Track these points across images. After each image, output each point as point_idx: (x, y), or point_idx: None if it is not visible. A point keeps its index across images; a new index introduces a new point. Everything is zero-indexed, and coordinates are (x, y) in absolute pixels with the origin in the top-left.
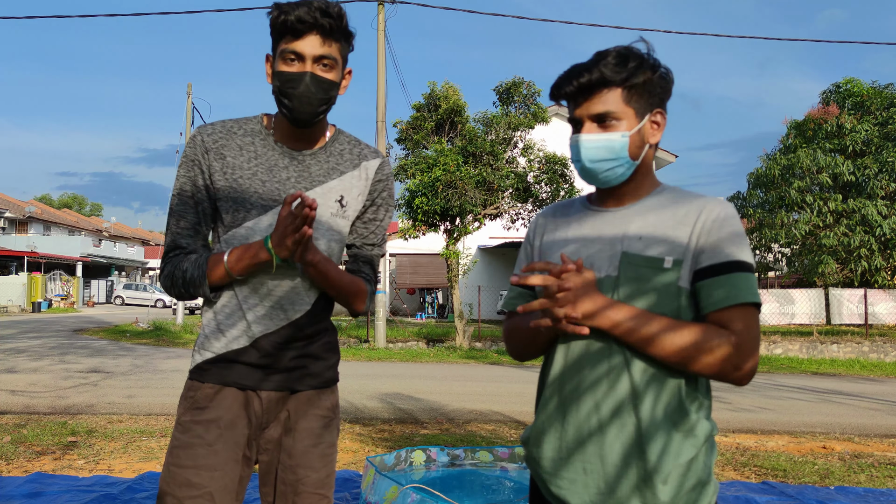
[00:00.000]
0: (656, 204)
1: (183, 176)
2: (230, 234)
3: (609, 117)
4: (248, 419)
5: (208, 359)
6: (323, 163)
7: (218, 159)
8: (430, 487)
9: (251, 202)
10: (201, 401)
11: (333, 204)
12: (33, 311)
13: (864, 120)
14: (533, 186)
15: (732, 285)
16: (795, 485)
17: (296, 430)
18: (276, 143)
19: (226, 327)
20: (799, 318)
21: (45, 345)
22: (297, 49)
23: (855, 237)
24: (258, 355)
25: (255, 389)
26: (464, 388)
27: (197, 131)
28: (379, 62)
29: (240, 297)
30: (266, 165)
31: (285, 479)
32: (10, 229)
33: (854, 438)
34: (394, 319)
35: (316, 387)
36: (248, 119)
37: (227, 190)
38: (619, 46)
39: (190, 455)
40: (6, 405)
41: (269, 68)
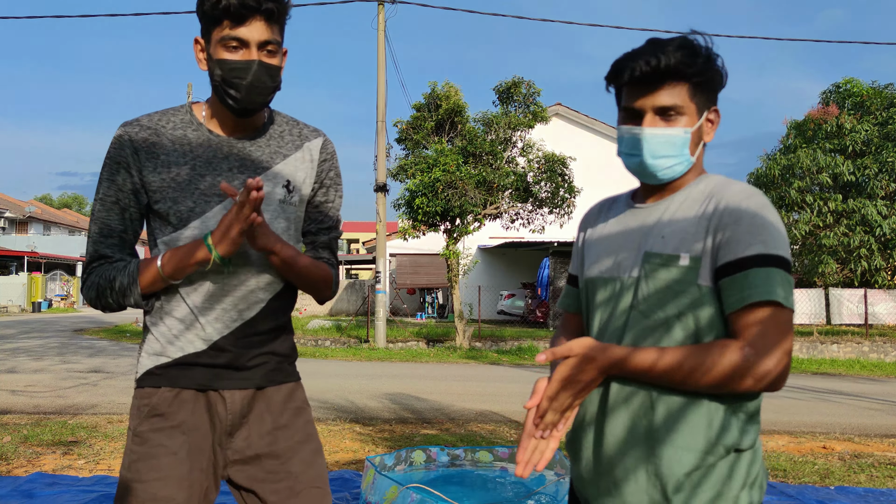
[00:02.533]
0: (685, 197)
1: (106, 180)
2: (172, 238)
3: (674, 111)
4: (212, 423)
5: (161, 363)
6: (264, 147)
7: (150, 159)
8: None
9: (193, 200)
10: (159, 406)
11: (280, 190)
12: (33, 311)
13: (863, 120)
14: (532, 186)
15: (749, 284)
16: (795, 485)
17: (276, 430)
18: (210, 133)
19: (178, 332)
20: (799, 318)
21: (46, 345)
22: (242, 36)
23: (855, 237)
24: (216, 356)
25: (216, 389)
26: (464, 388)
27: (122, 130)
28: (379, 62)
29: (188, 301)
30: (204, 158)
31: (278, 487)
32: (10, 229)
33: (854, 438)
34: (394, 319)
35: (282, 382)
36: (175, 110)
37: (164, 190)
38: (681, 37)
39: (153, 466)
40: (6, 405)
41: (201, 54)
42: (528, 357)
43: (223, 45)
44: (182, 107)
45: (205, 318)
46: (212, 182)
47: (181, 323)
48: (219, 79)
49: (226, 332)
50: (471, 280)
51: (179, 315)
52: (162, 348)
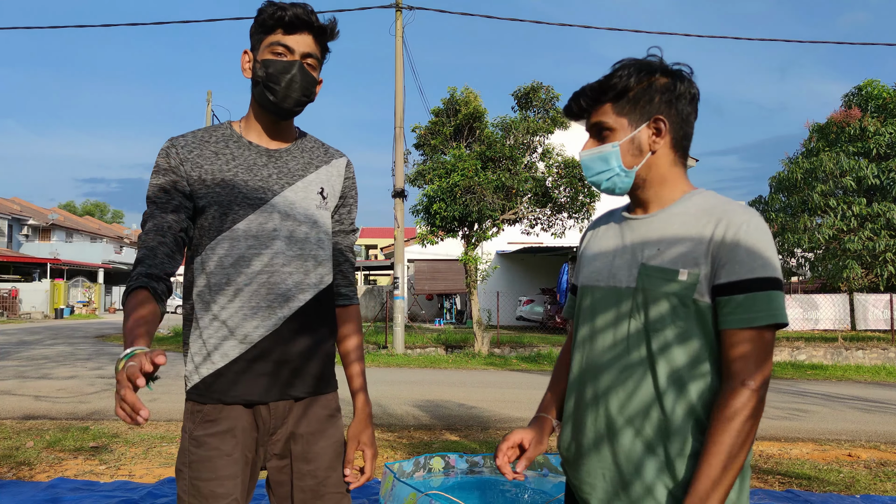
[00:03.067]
0: (682, 211)
1: (161, 179)
2: (218, 240)
3: (603, 129)
4: (257, 426)
5: (206, 377)
6: (299, 158)
7: (195, 169)
8: (449, 494)
9: (237, 204)
10: (210, 413)
11: (316, 196)
12: (56, 317)
13: (887, 122)
14: (552, 191)
15: (745, 307)
16: (820, 493)
17: (309, 434)
18: (250, 144)
19: (218, 339)
20: (823, 324)
21: (68, 351)
22: (289, 43)
23: (880, 241)
24: (259, 363)
25: (263, 402)
26: (483, 395)
27: (169, 144)
28: (397, 68)
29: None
30: (245, 166)
31: (304, 486)
32: (33, 237)
33: (880, 446)
34: (412, 325)
35: (322, 392)
36: (216, 126)
37: (210, 196)
38: (618, 61)
39: (211, 468)
40: (30, 410)
41: (248, 62)
42: (547, 363)
43: (271, 50)
44: (223, 124)
45: (244, 321)
46: (253, 187)
47: (221, 329)
48: (262, 75)
49: (265, 332)
50: (489, 286)
51: (219, 321)
52: (203, 360)
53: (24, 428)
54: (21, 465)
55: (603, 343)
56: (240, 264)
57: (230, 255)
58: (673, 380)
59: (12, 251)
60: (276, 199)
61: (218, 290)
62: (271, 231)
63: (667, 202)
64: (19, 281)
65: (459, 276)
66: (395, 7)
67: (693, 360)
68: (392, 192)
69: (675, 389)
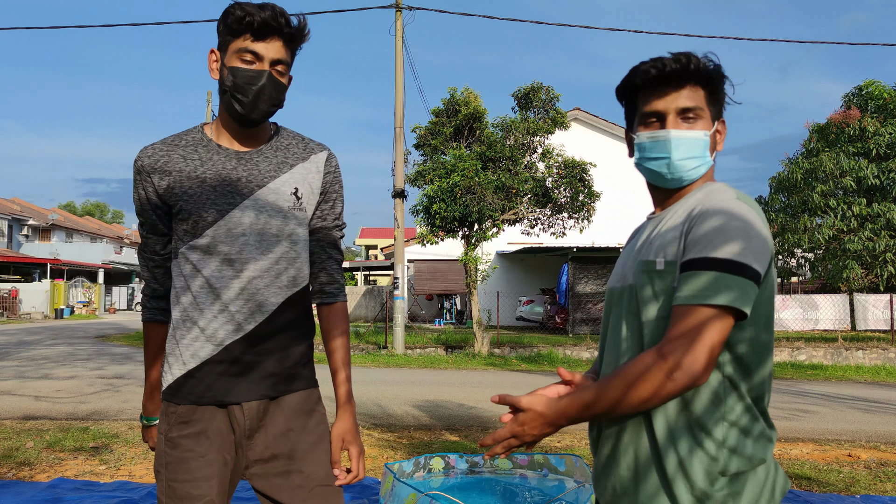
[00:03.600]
0: (681, 204)
1: (135, 193)
2: (190, 245)
3: (693, 114)
4: (232, 427)
5: (179, 377)
6: (272, 158)
7: (164, 177)
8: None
9: (205, 210)
10: (185, 415)
11: (290, 197)
12: (56, 317)
13: (887, 123)
14: (552, 192)
15: (688, 285)
16: (820, 493)
17: (290, 432)
18: (220, 148)
19: (191, 339)
20: (823, 324)
21: (69, 351)
22: (258, 50)
23: (880, 241)
24: (229, 364)
25: (236, 402)
26: (483, 395)
27: (137, 156)
28: (397, 68)
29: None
30: (213, 171)
31: (292, 485)
32: (33, 237)
33: (880, 446)
34: (412, 325)
35: (297, 389)
36: (188, 131)
37: (180, 202)
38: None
39: (186, 469)
40: (30, 411)
41: (215, 64)
42: (547, 364)
43: (238, 56)
44: (195, 127)
45: (215, 323)
46: (222, 192)
47: (193, 330)
48: (230, 84)
49: (236, 335)
50: (489, 286)
51: (191, 322)
52: (175, 360)
53: (24, 428)
54: (21, 466)
55: (613, 342)
56: (212, 269)
57: (203, 259)
58: None
59: (12, 251)
60: (245, 203)
61: (192, 293)
62: (240, 235)
63: (682, 195)
64: (19, 281)
65: (459, 276)
66: (395, 7)
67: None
68: (392, 193)
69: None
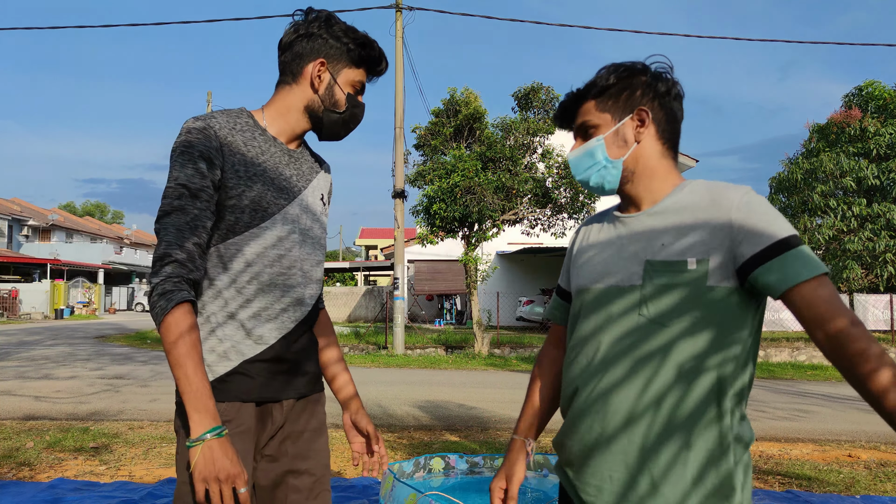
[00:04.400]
0: (675, 203)
1: (197, 163)
2: (245, 237)
3: (588, 128)
4: (266, 427)
5: (222, 375)
6: (306, 161)
7: (231, 156)
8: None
9: (266, 202)
10: (227, 413)
11: (319, 203)
12: (56, 317)
13: (887, 123)
14: (552, 192)
15: (786, 266)
16: (820, 494)
17: (308, 432)
18: (275, 141)
19: (235, 339)
20: None
21: (69, 351)
22: (364, 84)
23: (880, 242)
24: (274, 363)
25: (278, 400)
26: (483, 395)
27: (204, 124)
28: (397, 69)
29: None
30: (272, 162)
31: (300, 486)
32: (33, 237)
33: (880, 447)
34: (412, 326)
35: (321, 389)
36: (237, 112)
37: (242, 189)
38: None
39: None
40: (30, 411)
41: (323, 76)
42: None
43: (352, 85)
44: (240, 111)
45: (260, 319)
46: (279, 186)
47: (234, 325)
48: (344, 110)
49: (280, 334)
50: (489, 286)
51: (233, 317)
52: (218, 358)
53: (24, 428)
54: (21, 466)
55: (604, 342)
56: (264, 264)
57: (256, 254)
58: (689, 370)
59: (12, 252)
60: (296, 202)
61: (239, 288)
62: (291, 233)
63: (659, 196)
64: (19, 281)
65: (459, 276)
66: (395, 7)
67: (711, 348)
68: (392, 193)
69: (692, 380)
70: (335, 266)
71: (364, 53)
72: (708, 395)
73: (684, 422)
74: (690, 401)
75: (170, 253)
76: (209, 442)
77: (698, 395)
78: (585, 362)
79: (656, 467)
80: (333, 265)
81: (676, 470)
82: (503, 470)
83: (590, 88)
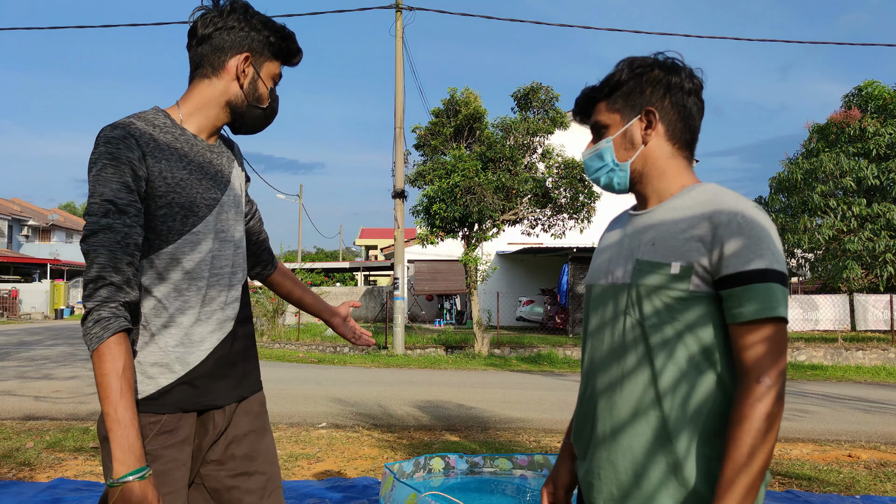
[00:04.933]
0: (679, 205)
1: (121, 175)
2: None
3: (600, 128)
4: (207, 431)
5: (163, 386)
6: (225, 154)
7: (156, 163)
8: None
9: (196, 204)
10: (169, 424)
11: (241, 191)
12: (56, 318)
13: (887, 123)
14: (552, 192)
15: (751, 298)
16: (820, 494)
17: (252, 432)
18: (195, 138)
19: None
20: (823, 325)
21: (69, 351)
22: (280, 77)
23: (880, 242)
24: (215, 367)
25: (219, 406)
26: (483, 395)
27: (124, 132)
28: (397, 68)
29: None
30: (196, 162)
31: (252, 487)
32: (33, 237)
33: (880, 447)
34: (412, 326)
35: (260, 388)
36: (152, 114)
37: (170, 195)
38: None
39: (169, 481)
40: (30, 411)
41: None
42: (547, 364)
43: (272, 79)
44: (155, 111)
45: (202, 324)
46: (206, 185)
47: (178, 334)
48: (266, 106)
49: (222, 336)
50: (489, 286)
51: (176, 325)
52: (160, 369)
53: (24, 428)
54: (21, 466)
55: (602, 339)
56: (202, 268)
57: (192, 259)
58: (673, 375)
59: (12, 252)
60: (224, 198)
61: (177, 295)
62: (222, 232)
63: (665, 196)
64: (19, 281)
65: (459, 276)
66: (395, 7)
67: (695, 353)
68: (392, 193)
69: (676, 385)
70: (335, 266)
71: (285, 46)
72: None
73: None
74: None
75: (104, 276)
76: (130, 485)
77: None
78: (586, 362)
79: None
80: (333, 265)
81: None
82: (551, 475)
83: (601, 88)
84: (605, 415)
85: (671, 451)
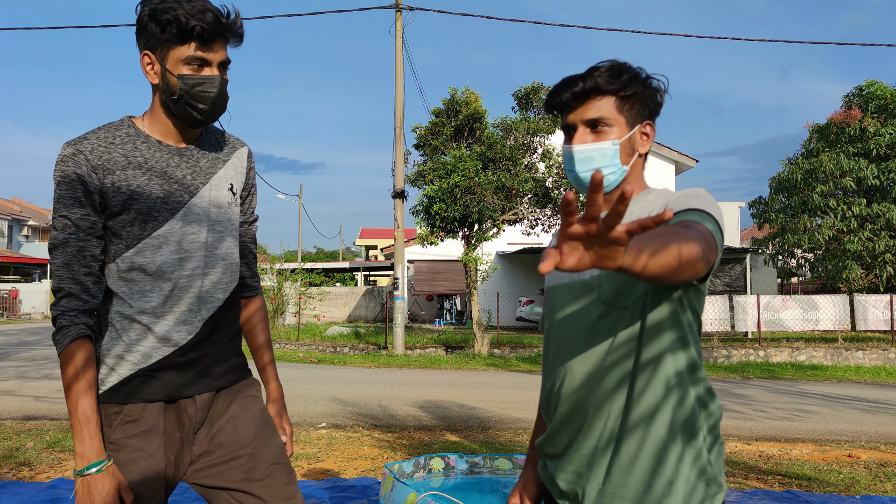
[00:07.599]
0: (637, 205)
1: (73, 192)
2: (138, 248)
3: (601, 123)
4: (181, 423)
5: (126, 377)
6: (207, 154)
7: (107, 176)
8: (449, 495)
9: (156, 210)
10: (131, 414)
11: (227, 193)
12: None
13: (887, 123)
14: (552, 192)
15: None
16: (820, 494)
17: (236, 419)
18: (160, 144)
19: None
20: (823, 325)
21: None
22: (207, 57)
23: (880, 242)
24: (183, 361)
25: (187, 397)
26: (483, 395)
27: (74, 150)
28: (397, 69)
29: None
30: (158, 169)
31: (244, 470)
32: (33, 237)
33: (880, 447)
34: (412, 326)
35: (240, 380)
36: (116, 125)
37: (127, 203)
38: (612, 60)
39: (135, 470)
40: (30, 411)
41: (157, 67)
42: None
43: (187, 66)
44: (121, 121)
45: (166, 322)
46: (169, 191)
47: (139, 329)
48: (183, 93)
49: (189, 335)
50: (489, 286)
51: (139, 322)
52: (121, 361)
53: (24, 428)
54: (21, 466)
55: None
56: (163, 270)
57: (153, 262)
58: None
59: (12, 252)
60: (194, 201)
61: (140, 296)
62: (191, 234)
63: None
64: (19, 282)
65: (459, 276)
66: (395, 7)
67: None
68: (392, 193)
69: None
70: (335, 266)
71: (181, 27)
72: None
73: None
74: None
75: (62, 287)
76: (89, 477)
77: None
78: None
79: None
80: (333, 265)
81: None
82: (518, 485)
83: (614, 86)
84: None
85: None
